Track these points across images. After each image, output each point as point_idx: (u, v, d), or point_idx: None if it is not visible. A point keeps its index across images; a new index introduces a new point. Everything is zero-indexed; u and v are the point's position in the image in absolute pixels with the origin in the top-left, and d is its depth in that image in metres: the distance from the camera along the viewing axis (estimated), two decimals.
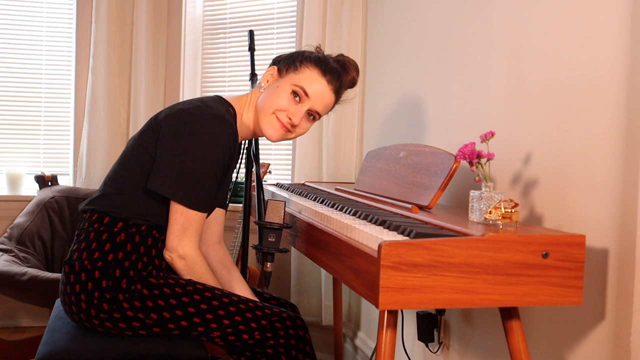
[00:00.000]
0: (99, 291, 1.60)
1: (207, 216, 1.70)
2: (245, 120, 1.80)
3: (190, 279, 1.67)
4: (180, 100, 3.59)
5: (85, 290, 1.61)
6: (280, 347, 1.66)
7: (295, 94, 1.73)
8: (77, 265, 1.62)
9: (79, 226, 1.71)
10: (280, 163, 3.43)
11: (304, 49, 1.89)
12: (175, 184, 1.60)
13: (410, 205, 1.71)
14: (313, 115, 1.78)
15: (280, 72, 1.78)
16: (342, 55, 1.85)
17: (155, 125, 1.68)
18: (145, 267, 1.64)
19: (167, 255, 1.65)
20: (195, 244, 1.65)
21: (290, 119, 1.74)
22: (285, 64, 1.77)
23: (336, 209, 1.80)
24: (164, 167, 1.61)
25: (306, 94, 1.73)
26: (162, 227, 1.68)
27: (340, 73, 1.78)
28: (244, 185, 2.79)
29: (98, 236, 1.64)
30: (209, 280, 1.69)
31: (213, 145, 1.61)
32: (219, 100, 1.76)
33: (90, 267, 1.61)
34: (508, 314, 1.42)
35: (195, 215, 1.62)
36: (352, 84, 1.85)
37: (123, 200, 1.66)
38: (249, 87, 2.33)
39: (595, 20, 1.42)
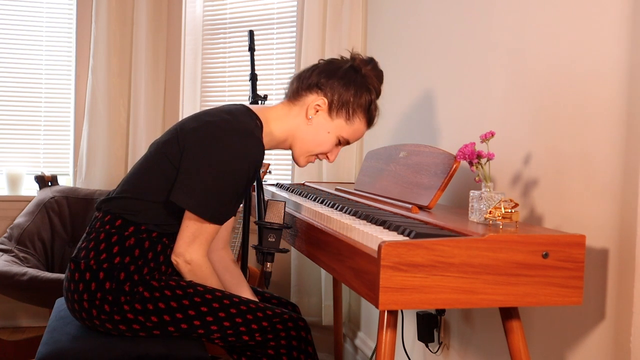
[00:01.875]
0: (102, 292, 1.60)
1: None
2: (275, 132, 1.77)
3: (191, 281, 1.67)
4: (181, 99, 3.59)
5: (88, 290, 1.61)
6: (281, 348, 1.66)
7: (339, 141, 1.78)
8: (83, 264, 1.62)
9: (90, 224, 1.70)
10: (280, 163, 3.43)
11: (342, 54, 1.83)
12: (198, 196, 1.58)
13: (410, 205, 1.71)
14: None
15: (330, 112, 1.74)
16: (374, 66, 1.80)
17: (181, 136, 1.65)
18: (150, 272, 1.64)
19: (174, 258, 1.64)
20: (203, 252, 1.64)
21: (328, 157, 1.80)
22: (339, 104, 1.73)
23: (336, 209, 1.80)
24: (189, 181, 1.59)
25: (348, 143, 1.80)
26: (173, 235, 1.66)
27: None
28: None
29: (108, 238, 1.64)
30: (213, 284, 1.69)
31: (240, 162, 1.58)
32: (247, 112, 1.71)
33: (96, 268, 1.61)
34: (508, 314, 1.42)
35: (209, 227, 1.61)
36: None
37: (139, 206, 1.65)
38: (249, 87, 2.33)
39: (596, 20, 1.42)
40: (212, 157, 1.58)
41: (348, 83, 1.73)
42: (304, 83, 1.76)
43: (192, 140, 1.62)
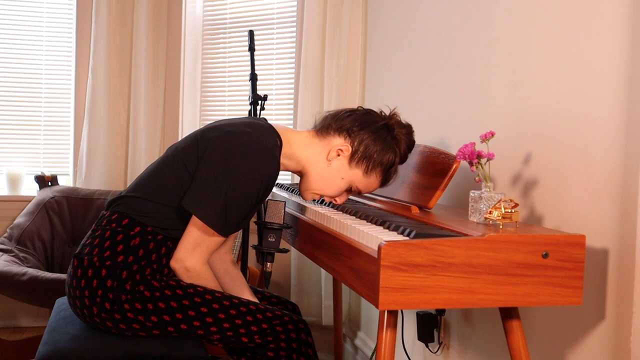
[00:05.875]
0: (103, 289, 1.60)
1: None
2: (293, 156, 1.75)
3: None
4: (181, 99, 3.59)
5: (90, 287, 1.61)
6: (281, 350, 1.66)
7: (351, 188, 1.76)
8: (86, 260, 1.62)
9: (97, 221, 1.71)
10: None
11: (383, 109, 1.79)
12: (207, 205, 1.57)
13: (410, 205, 1.71)
14: None
15: (351, 160, 1.71)
16: (408, 132, 1.76)
17: (201, 143, 1.65)
18: (152, 273, 1.64)
19: (172, 264, 1.64)
20: (204, 260, 1.64)
21: (335, 200, 1.78)
22: (362, 156, 1.70)
23: (336, 209, 1.80)
24: (201, 188, 1.59)
25: (360, 193, 1.77)
26: (178, 239, 1.66)
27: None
28: None
29: (113, 236, 1.64)
30: (212, 288, 1.69)
31: (255, 178, 1.58)
32: (269, 128, 1.71)
33: (99, 265, 1.61)
34: (508, 314, 1.42)
35: (214, 237, 1.61)
36: None
37: (148, 207, 1.65)
38: (249, 87, 2.33)
39: (596, 21, 1.42)
40: (227, 168, 1.58)
41: (377, 139, 1.71)
42: (337, 124, 1.75)
43: (210, 149, 1.62)
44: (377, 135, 1.71)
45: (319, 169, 1.74)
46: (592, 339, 1.42)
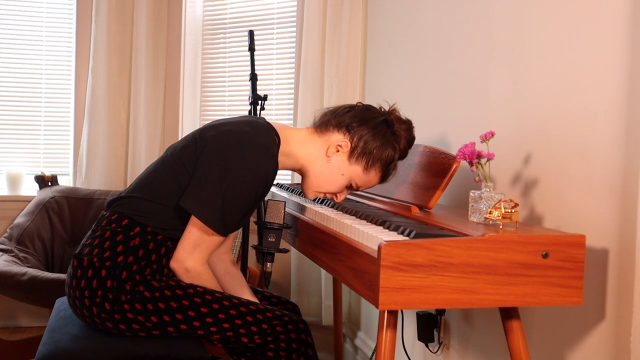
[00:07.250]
0: (103, 290, 1.60)
1: None
2: (292, 154, 1.74)
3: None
4: (181, 99, 3.59)
5: (90, 287, 1.61)
6: (281, 350, 1.66)
7: (350, 185, 1.75)
8: (86, 260, 1.62)
9: (97, 222, 1.70)
10: None
11: (382, 105, 1.78)
12: (206, 204, 1.57)
13: (410, 205, 1.71)
14: None
15: (351, 156, 1.70)
16: (408, 128, 1.74)
17: (200, 142, 1.64)
18: (152, 273, 1.63)
19: (172, 265, 1.64)
20: (204, 260, 1.64)
21: (336, 196, 1.77)
22: (361, 152, 1.69)
23: (336, 209, 1.80)
24: (199, 188, 1.59)
25: (358, 189, 1.77)
26: (178, 240, 1.66)
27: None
28: None
29: (113, 236, 1.63)
30: (212, 288, 1.69)
31: (253, 176, 1.58)
32: (267, 127, 1.70)
33: (98, 265, 1.61)
34: (508, 314, 1.42)
35: (213, 237, 1.61)
36: None
37: (148, 207, 1.65)
38: (249, 87, 2.33)
39: (596, 20, 1.42)
40: (225, 167, 1.58)
41: (376, 134, 1.70)
42: (336, 120, 1.74)
43: (208, 148, 1.62)
44: (376, 131, 1.71)
45: (318, 166, 1.74)
46: (592, 339, 1.42)
